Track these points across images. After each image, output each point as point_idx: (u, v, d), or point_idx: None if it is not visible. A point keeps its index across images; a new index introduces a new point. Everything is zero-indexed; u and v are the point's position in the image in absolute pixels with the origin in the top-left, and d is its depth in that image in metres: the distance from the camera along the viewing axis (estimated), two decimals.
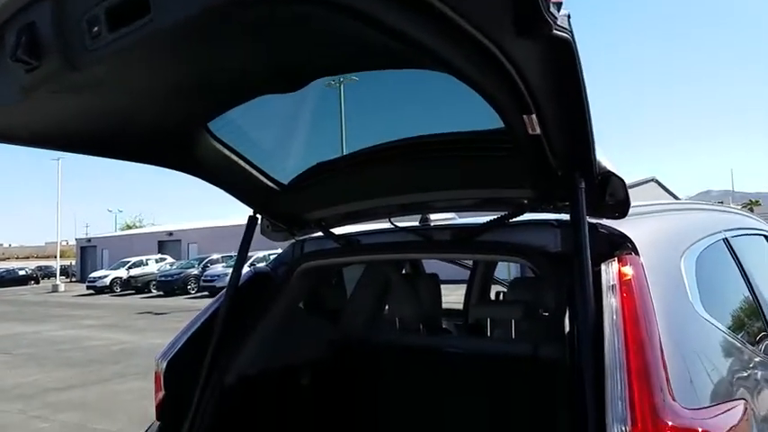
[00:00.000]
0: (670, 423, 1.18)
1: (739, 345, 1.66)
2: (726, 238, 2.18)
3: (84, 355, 11.46)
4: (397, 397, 2.64)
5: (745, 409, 1.39)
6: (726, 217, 2.43)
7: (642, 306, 1.36)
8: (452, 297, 4.03)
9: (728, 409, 1.33)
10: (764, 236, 2.84)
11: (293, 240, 2.45)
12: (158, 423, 2.15)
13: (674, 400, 1.22)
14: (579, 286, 1.40)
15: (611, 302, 1.38)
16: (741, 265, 2.16)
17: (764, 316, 2.08)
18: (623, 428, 1.19)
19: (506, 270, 8.57)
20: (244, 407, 2.26)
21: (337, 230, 2.32)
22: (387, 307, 2.96)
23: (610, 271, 1.45)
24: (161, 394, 2.15)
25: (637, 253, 1.51)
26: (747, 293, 2.09)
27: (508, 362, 2.39)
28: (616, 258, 1.48)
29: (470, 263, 4.20)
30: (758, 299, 2.13)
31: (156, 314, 18.87)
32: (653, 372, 1.25)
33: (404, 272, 3.16)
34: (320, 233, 2.33)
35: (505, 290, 4.09)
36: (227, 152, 1.97)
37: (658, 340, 1.31)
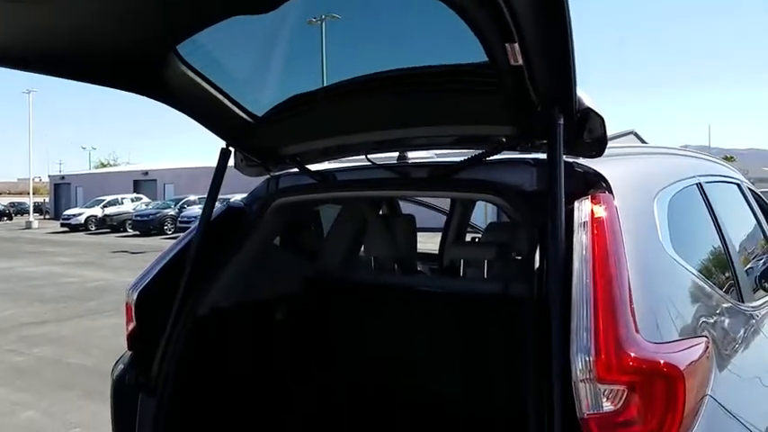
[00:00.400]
0: (633, 354, 1.21)
1: (706, 287, 1.70)
2: (700, 184, 2.19)
3: (58, 291, 11.42)
4: (372, 333, 2.68)
5: (707, 346, 1.42)
6: (701, 163, 2.44)
7: (613, 243, 1.37)
8: (429, 245, 4.06)
9: (691, 346, 1.36)
10: (737, 185, 2.88)
11: (268, 176, 2.41)
12: (130, 353, 2.15)
13: (638, 333, 1.25)
14: (551, 222, 1.40)
15: (581, 239, 1.38)
16: (713, 212, 2.19)
17: (732, 263, 2.13)
18: (587, 358, 1.21)
19: (483, 217, 8.65)
20: (217, 339, 2.27)
21: (313, 167, 2.29)
22: (363, 247, 2.96)
23: (582, 208, 1.45)
24: (132, 325, 2.14)
25: (611, 192, 1.51)
26: (717, 239, 2.12)
27: (480, 300, 2.42)
28: (590, 196, 1.48)
29: (447, 208, 4.23)
30: (727, 246, 2.16)
31: (133, 253, 18.78)
32: (619, 305, 1.27)
33: (381, 212, 3.15)
34: (296, 169, 2.29)
35: (480, 236, 4.15)
36: (197, 79, 1.89)
37: (626, 276, 1.33)
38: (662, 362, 1.22)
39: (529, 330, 1.40)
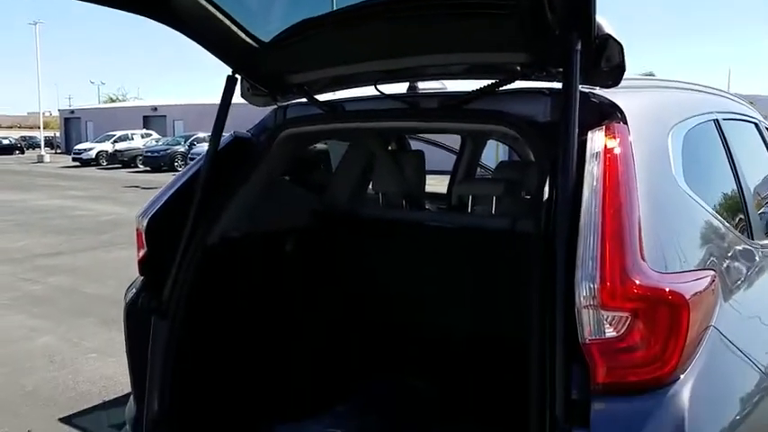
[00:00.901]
0: (637, 282, 1.21)
1: (717, 222, 1.68)
2: (717, 120, 2.14)
3: (71, 223, 11.58)
4: (380, 267, 2.70)
5: (713, 279, 1.42)
6: (719, 100, 2.38)
7: (624, 174, 1.35)
8: (439, 188, 4.05)
9: (698, 278, 1.36)
10: (755, 124, 2.82)
11: (275, 107, 2.38)
12: (142, 278, 2.19)
13: (644, 262, 1.24)
14: (563, 152, 1.38)
15: (593, 169, 1.36)
16: (728, 149, 2.15)
17: (744, 201, 2.10)
18: (591, 286, 1.22)
19: (494, 158, 8.56)
20: (227, 267, 2.30)
21: (321, 98, 2.25)
22: (372, 182, 2.95)
23: (595, 139, 1.43)
24: (143, 251, 2.17)
25: (625, 123, 1.48)
26: (731, 176, 2.09)
27: (487, 236, 2.43)
28: (604, 127, 1.45)
29: (457, 147, 4.19)
30: (741, 184, 2.14)
31: (144, 188, 18.90)
32: (626, 234, 1.26)
33: (389, 148, 3.13)
34: (303, 99, 2.25)
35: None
36: (203, 1, 1.84)
37: (636, 207, 1.32)
38: (667, 290, 1.22)
39: (535, 259, 1.40)
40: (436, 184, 4.03)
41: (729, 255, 1.68)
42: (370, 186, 2.97)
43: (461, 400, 2.36)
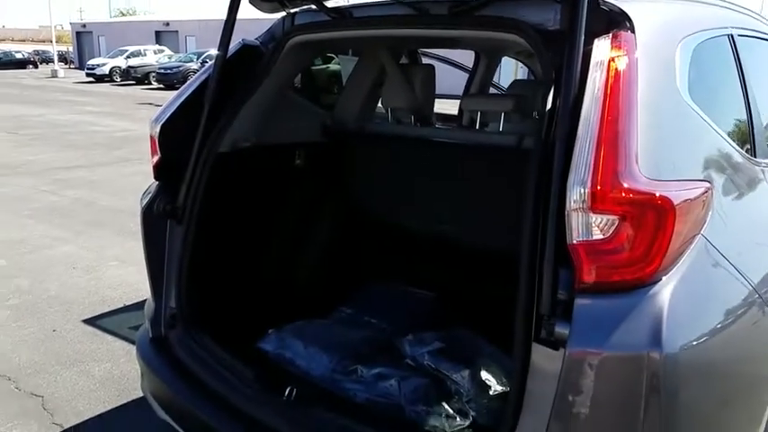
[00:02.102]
0: (627, 186, 1.25)
1: (718, 136, 1.69)
2: (731, 36, 2.10)
3: (87, 138, 11.69)
4: (387, 181, 2.76)
5: (706, 190, 1.46)
6: (736, 16, 2.31)
7: (626, 83, 1.36)
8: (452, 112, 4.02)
9: (689, 188, 1.39)
10: None
11: (284, 14, 2.36)
12: (157, 183, 2.27)
13: (638, 169, 1.28)
14: (567, 59, 1.39)
15: (596, 78, 1.37)
16: (740, 66, 2.12)
17: (751, 119, 2.09)
18: (582, 190, 1.26)
19: (513, 77, 8.38)
20: (239, 175, 2.37)
21: (330, 4, 2.22)
22: (381, 99, 2.95)
23: (601, 47, 1.42)
24: (157, 157, 2.23)
25: (633, 32, 1.47)
26: (740, 93, 2.08)
27: (494, 152, 2.46)
28: (611, 35, 1.45)
29: (470, 66, 4.12)
30: (749, 101, 2.12)
31: (157, 105, 18.72)
32: (621, 141, 1.29)
33: (401, 61, 3.10)
34: (312, 6, 2.23)
35: None
36: None
37: (635, 115, 1.33)
38: (657, 194, 1.26)
39: (534, 164, 1.44)
40: (449, 108, 4.02)
41: (727, 169, 1.70)
42: (380, 102, 2.97)
43: (460, 308, 2.47)
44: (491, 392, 1.87)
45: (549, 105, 1.51)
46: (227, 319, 2.29)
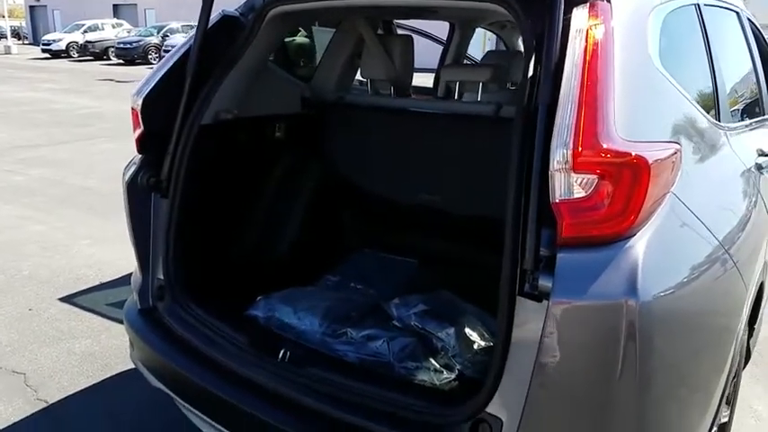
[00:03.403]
0: (606, 146, 1.33)
1: (686, 101, 1.79)
2: (698, 5, 2.20)
3: (49, 117, 11.37)
4: (369, 151, 2.81)
5: (676, 151, 1.55)
6: None
7: (603, 50, 1.43)
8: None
9: (661, 148, 1.48)
10: (737, 13, 2.86)
11: None
12: (141, 156, 2.28)
13: (615, 131, 1.36)
14: (548, 28, 1.46)
15: (575, 45, 1.44)
16: (706, 34, 2.22)
17: (716, 84, 2.21)
18: (565, 151, 1.34)
19: (481, 48, 8.46)
20: (222, 148, 2.39)
21: None
22: (360, 69, 2.98)
23: (579, 16, 1.50)
24: (139, 130, 2.24)
25: (609, 1, 1.54)
26: (706, 60, 2.18)
27: (472, 121, 2.53)
28: (588, 4, 1.52)
29: (444, 38, 4.17)
30: (714, 67, 2.23)
31: (118, 81, 18.39)
32: (600, 105, 1.37)
33: (378, 32, 3.13)
34: None
35: None
36: None
37: (612, 80, 1.41)
38: (632, 154, 1.35)
39: (517, 127, 1.51)
40: (425, 82, 4.07)
41: (695, 133, 1.80)
42: (359, 74, 3.01)
43: (442, 272, 2.56)
44: (475, 347, 1.97)
45: (530, 72, 1.58)
46: (215, 289, 2.33)
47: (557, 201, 1.37)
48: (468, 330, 2.00)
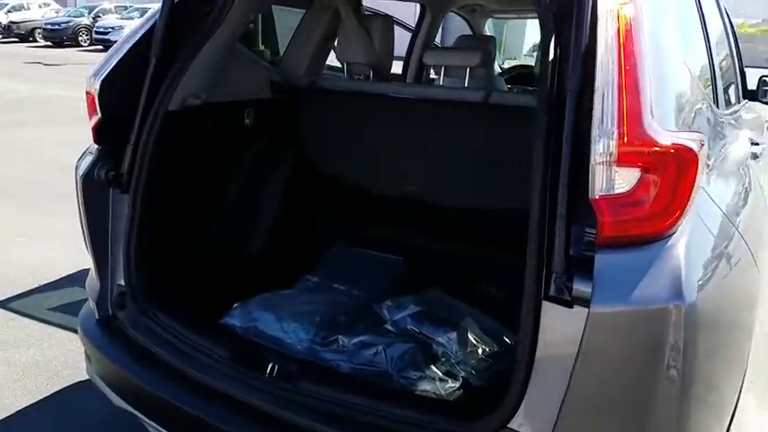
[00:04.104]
0: (653, 137, 1.21)
1: (699, 88, 1.71)
2: None
3: None
4: (346, 140, 2.62)
5: (703, 142, 1.46)
6: None
7: (637, 29, 1.32)
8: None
9: (697, 138, 1.37)
10: None
11: None
12: (98, 147, 2.02)
13: (654, 120, 1.25)
14: (577, 7, 1.33)
15: (607, 25, 1.31)
16: (703, 18, 2.16)
17: (714, 70, 2.15)
18: (609, 142, 1.21)
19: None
20: (189, 137, 2.16)
21: None
22: (336, 52, 2.78)
23: None
24: (97, 117, 1.98)
25: None
26: (705, 46, 2.12)
27: (461, 107, 2.38)
28: None
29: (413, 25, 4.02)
30: (711, 54, 2.18)
31: (47, 65, 17.34)
32: (642, 91, 1.25)
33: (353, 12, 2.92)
34: None
35: None
36: None
37: (647, 63, 1.30)
38: (681, 144, 1.24)
39: (541, 114, 1.37)
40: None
41: (708, 119, 1.72)
42: (335, 57, 2.81)
43: (429, 270, 2.42)
44: (479, 352, 1.84)
45: (551, 56, 1.44)
46: (183, 294, 2.11)
47: (596, 197, 1.24)
48: (470, 334, 1.87)
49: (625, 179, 1.23)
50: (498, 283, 2.35)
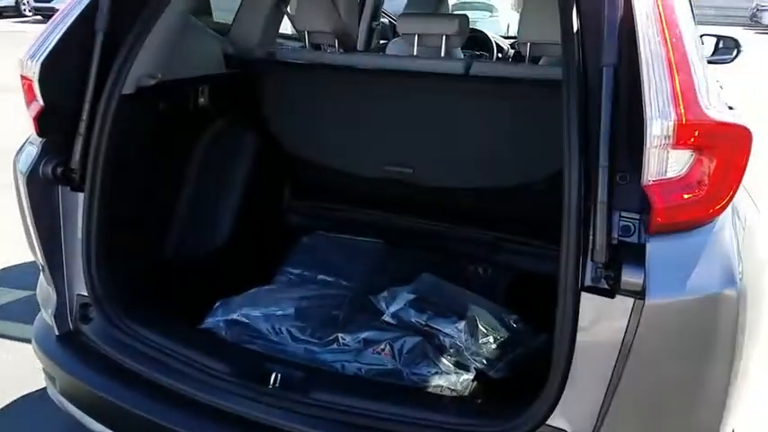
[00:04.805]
0: (709, 115, 1.15)
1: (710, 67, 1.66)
2: None
3: None
4: (313, 118, 2.41)
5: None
6: None
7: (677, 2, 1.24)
8: None
9: (741, 116, 1.32)
10: None
11: None
12: (42, 140, 1.74)
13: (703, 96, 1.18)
14: None
15: None
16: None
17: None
18: (665, 123, 1.13)
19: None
20: (145, 120, 1.92)
21: None
22: (294, 19, 2.54)
23: None
24: (38, 106, 1.70)
25: None
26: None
27: (439, 80, 2.25)
28: None
29: None
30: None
31: None
32: (690, 66, 1.19)
33: None
34: None
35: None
36: None
37: (688, 36, 1.23)
38: (737, 123, 1.17)
39: (572, 89, 1.27)
40: None
41: (722, 96, 1.69)
42: (293, 25, 2.57)
43: (414, 255, 2.31)
44: (492, 342, 1.76)
45: (575, 27, 1.33)
46: (154, 300, 1.90)
47: (650, 182, 1.17)
48: (479, 323, 1.78)
49: (678, 162, 1.17)
50: (489, 263, 2.28)
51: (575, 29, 1.32)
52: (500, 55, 4.09)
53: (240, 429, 1.50)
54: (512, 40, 4.29)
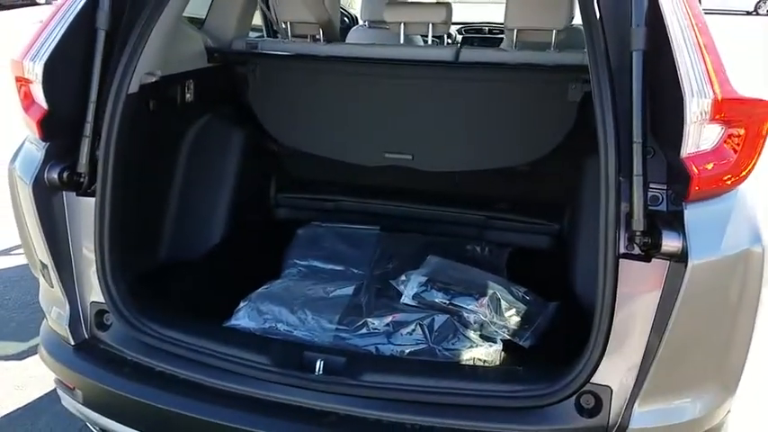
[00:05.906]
0: (740, 92, 1.26)
1: None
2: None
3: None
4: (301, 110, 2.40)
5: None
6: None
7: None
8: None
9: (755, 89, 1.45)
10: None
11: None
12: (46, 144, 1.65)
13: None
14: None
15: None
16: None
17: None
18: (703, 102, 1.24)
19: None
20: (147, 119, 1.86)
21: None
22: (276, 10, 2.50)
23: None
24: (40, 109, 1.61)
25: None
26: None
27: (429, 67, 2.30)
28: None
29: None
30: None
31: None
32: (717, 47, 1.30)
33: None
34: None
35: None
36: None
37: (707, 20, 1.35)
38: (759, 99, 1.28)
39: (602, 80, 1.37)
40: None
41: None
42: (275, 15, 2.53)
43: (412, 239, 2.37)
44: (515, 315, 1.85)
45: (597, 13, 1.42)
46: (164, 299, 1.86)
47: (687, 155, 1.28)
48: (501, 298, 1.87)
49: (711, 135, 1.28)
50: (486, 241, 2.37)
51: (597, 16, 1.42)
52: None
53: (295, 418, 1.52)
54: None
